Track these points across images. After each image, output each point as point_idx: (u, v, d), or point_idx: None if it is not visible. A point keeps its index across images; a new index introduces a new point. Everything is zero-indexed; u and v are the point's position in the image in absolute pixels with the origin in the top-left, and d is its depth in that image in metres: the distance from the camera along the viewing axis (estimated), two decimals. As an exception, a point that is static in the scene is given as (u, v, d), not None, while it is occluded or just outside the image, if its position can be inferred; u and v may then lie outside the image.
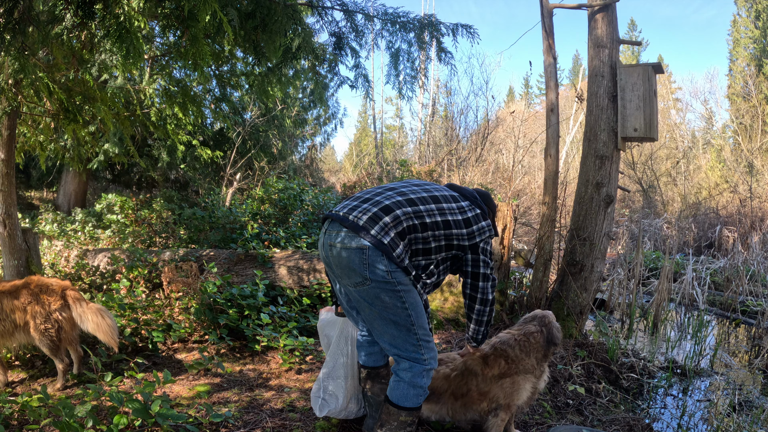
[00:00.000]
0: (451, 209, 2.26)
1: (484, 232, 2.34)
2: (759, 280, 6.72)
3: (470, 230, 2.27)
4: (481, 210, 2.36)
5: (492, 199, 2.56)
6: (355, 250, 2.05)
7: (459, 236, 2.25)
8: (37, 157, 7.37)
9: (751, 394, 3.64)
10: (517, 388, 2.34)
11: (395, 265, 2.05)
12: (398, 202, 2.15)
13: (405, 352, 2.19)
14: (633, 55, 25.86)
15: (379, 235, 2.03)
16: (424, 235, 2.16)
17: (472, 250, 2.34)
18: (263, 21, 3.18)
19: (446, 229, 2.21)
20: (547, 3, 4.36)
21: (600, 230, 4.15)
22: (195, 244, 6.53)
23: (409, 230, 2.12)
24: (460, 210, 2.28)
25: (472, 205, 2.33)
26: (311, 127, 14.69)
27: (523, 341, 2.42)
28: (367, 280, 2.06)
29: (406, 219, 2.11)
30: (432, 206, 2.21)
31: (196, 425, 2.41)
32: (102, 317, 3.11)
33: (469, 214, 2.29)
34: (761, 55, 18.30)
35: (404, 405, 2.20)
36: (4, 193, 4.01)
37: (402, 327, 2.14)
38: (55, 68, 3.55)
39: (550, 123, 4.35)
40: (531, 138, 14.04)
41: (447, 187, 2.42)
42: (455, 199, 2.31)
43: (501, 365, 2.39)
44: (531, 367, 2.39)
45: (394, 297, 2.08)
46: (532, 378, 2.39)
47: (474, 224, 2.28)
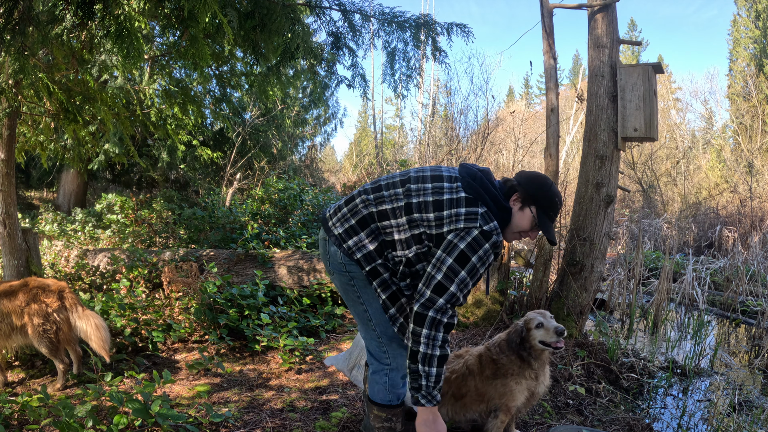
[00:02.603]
0: (420, 190, 1.92)
1: (460, 220, 1.85)
2: (759, 280, 6.72)
3: (439, 214, 1.88)
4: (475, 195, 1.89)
5: (539, 185, 1.98)
6: (321, 241, 2.12)
7: (422, 222, 1.90)
8: (37, 157, 7.38)
9: (751, 394, 3.64)
10: (509, 391, 2.31)
11: (347, 257, 1.99)
12: (363, 190, 2.03)
13: (372, 349, 2.16)
14: (633, 55, 25.85)
15: (334, 225, 2.03)
16: (384, 224, 1.95)
17: (437, 242, 1.89)
18: (262, 21, 3.18)
19: (408, 213, 1.92)
20: (547, 3, 4.36)
21: (600, 230, 4.15)
22: (195, 244, 6.54)
23: (370, 218, 1.97)
24: (435, 190, 1.91)
25: (458, 187, 1.91)
26: (311, 127, 14.69)
27: (502, 344, 2.41)
28: (330, 272, 2.11)
29: (365, 206, 1.98)
30: (398, 190, 1.96)
31: (196, 425, 2.41)
32: (97, 329, 3.11)
33: (446, 196, 1.89)
34: (761, 55, 18.30)
35: (375, 400, 2.19)
36: (4, 193, 4.01)
37: (362, 322, 2.13)
38: (55, 68, 3.55)
39: (550, 123, 4.35)
40: (531, 138, 14.03)
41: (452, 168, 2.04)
42: (436, 179, 1.95)
43: (491, 366, 2.38)
44: (516, 369, 2.33)
45: (350, 290, 2.06)
46: (525, 381, 2.33)
47: (447, 208, 1.87)
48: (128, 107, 4.63)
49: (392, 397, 2.17)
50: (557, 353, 3.73)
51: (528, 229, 2.00)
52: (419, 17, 4.14)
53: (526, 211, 1.98)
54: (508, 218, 1.99)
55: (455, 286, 1.83)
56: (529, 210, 1.98)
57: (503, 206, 1.96)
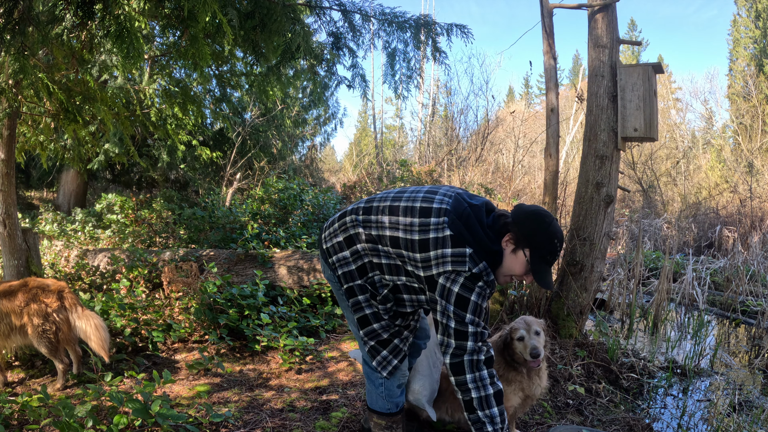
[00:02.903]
0: (408, 225, 1.86)
1: (447, 263, 1.78)
2: (759, 280, 6.72)
3: (425, 255, 1.82)
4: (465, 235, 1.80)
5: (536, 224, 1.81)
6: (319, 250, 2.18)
7: (410, 260, 1.87)
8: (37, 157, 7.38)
9: (751, 394, 3.64)
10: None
11: (330, 271, 2.06)
12: (355, 209, 2.02)
13: (363, 354, 2.16)
14: (633, 55, 25.85)
15: (325, 239, 2.08)
16: (371, 246, 1.93)
17: (428, 285, 1.86)
18: (262, 21, 3.18)
19: (395, 246, 1.88)
20: (547, 3, 4.36)
21: (600, 230, 4.15)
22: (195, 244, 6.54)
23: (357, 239, 1.96)
24: (422, 228, 1.84)
25: (444, 223, 1.81)
26: (311, 127, 14.69)
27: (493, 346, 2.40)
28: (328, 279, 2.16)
29: (353, 226, 1.98)
30: (384, 219, 1.91)
31: (196, 425, 2.41)
32: (96, 329, 3.10)
33: (431, 234, 1.81)
34: (761, 55, 18.30)
35: (375, 409, 2.21)
36: (4, 193, 4.01)
37: (355, 332, 2.14)
38: (55, 68, 3.55)
39: (550, 123, 4.35)
40: (531, 138, 14.04)
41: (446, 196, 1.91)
42: (424, 213, 1.86)
43: None
44: (504, 372, 2.32)
45: (342, 300, 2.10)
46: (515, 384, 2.32)
47: (433, 248, 1.80)
48: (128, 107, 4.63)
49: (390, 406, 2.18)
50: (556, 353, 3.73)
51: (521, 273, 1.85)
52: (419, 18, 4.14)
53: (519, 254, 1.83)
54: (499, 260, 1.86)
55: (471, 326, 1.81)
56: (523, 253, 1.83)
57: (491, 250, 1.83)
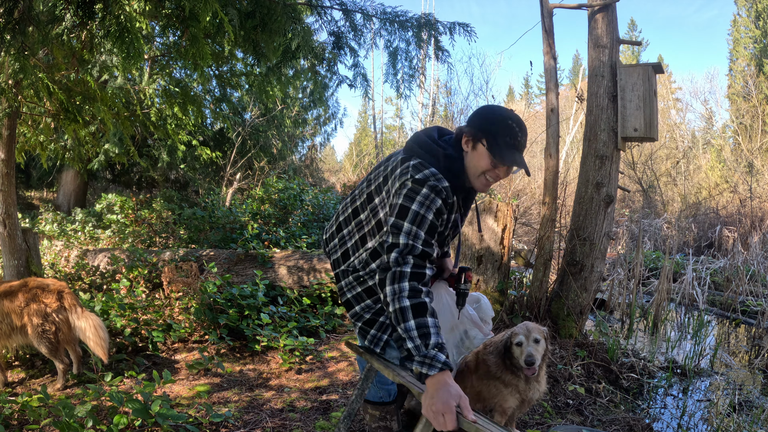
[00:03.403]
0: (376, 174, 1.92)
1: (395, 180, 1.74)
2: (759, 280, 6.72)
3: (386, 187, 1.81)
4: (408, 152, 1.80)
5: (486, 113, 1.80)
6: None
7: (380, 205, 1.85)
8: (37, 157, 7.38)
9: (751, 394, 3.64)
10: (498, 393, 2.30)
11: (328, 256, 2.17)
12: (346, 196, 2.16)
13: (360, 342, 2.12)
14: (633, 55, 25.86)
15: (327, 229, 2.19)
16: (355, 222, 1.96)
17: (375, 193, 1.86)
18: (263, 20, 3.18)
19: (369, 202, 1.89)
20: (547, 3, 4.36)
21: (600, 230, 4.15)
22: (195, 244, 6.54)
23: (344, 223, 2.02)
24: (384, 166, 1.88)
25: (398, 155, 1.86)
26: (311, 127, 14.69)
27: (493, 347, 2.39)
28: None
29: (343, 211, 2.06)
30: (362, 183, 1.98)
31: (196, 425, 2.41)
32: (96, 331, 3.10)
33: (390, 167, 1.83)
34: (761, 55, 18.30)
35: (368, 398, 2.16)
36: (4, 193, 4.01)
37: None
38: (55, 68, 3.55)
39: (551, 123, 4.35)
40: (531, 138, 14.02)
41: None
42: (389, 157, 1.93)
43: (484, 366, 2.37)
44: (500, 374, 2.31)
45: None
46: (513, 386, 2.31)
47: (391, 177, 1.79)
48: (128, 107, 4.63)
49: (383, 394, 2.14)
50: (555, 353, 3.73)
51: (490, 167, 1.75)
52: (421, 17, 4.14)
53: (479, 147, 1.75)
54: (460, 164, 1.80)
55: (404, 237, 1.66)
56: (482, 145, 1.75)
57: (444, 155, 1.77)
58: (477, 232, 4.36)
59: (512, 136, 1.73)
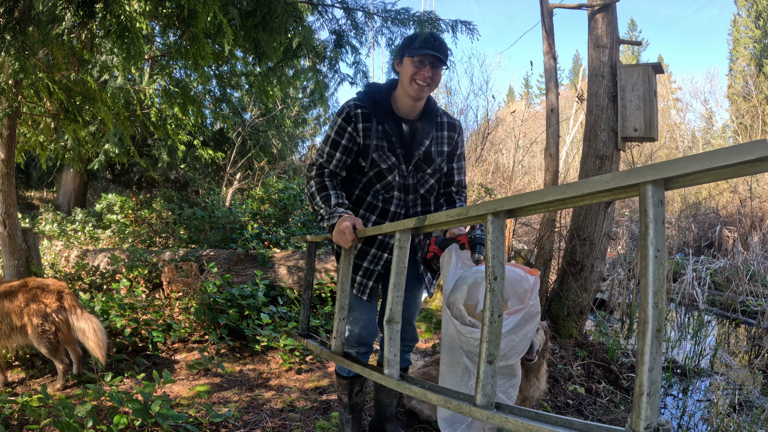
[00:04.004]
0: None
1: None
2: (759, 280, 6.72)
3: None
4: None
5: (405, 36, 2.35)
6: None
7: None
8: (37, 157, 7.38)
9: (751, 394, 3.64)
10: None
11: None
12: None
13: None
14: (633, 55, 25.85)
15: None
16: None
17: None
18: (264, 19, 3.17)
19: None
20: (547, 3, 4.35)
21: (600, 230, 4.15)
22: (195, 244, 6.53)
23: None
24: None
25: None
26: (311, 127, 14.67)
27: None
28: None
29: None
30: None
31: (196, 425, 2.41)
32: (95, 332, 3.10)
33: None
34: (761, 55, 18.31)
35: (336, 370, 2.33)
36: (4, 193, 4.01)
37: None
38: (55, 68, 3.54)
39: (551, 123, 4.35)
40: (531, 138, 14.04)
41: None
42: None
43: None
44: None
45: None
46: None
47: None
48: (128, 107, 4.63)
49: (339, 368, 2.29)
50: (556, 353, 3.73)
51: (414, 69, 2.00)
52: (423, 14, 4.14)
53: (404, 61, 2.04)
54: (387, 92, 2.12)
55: (318, 155, 2.12)
56: (405, 57, 2.03)
57: (371, 84, 2.16)
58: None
59: (426, 40, 2.01)
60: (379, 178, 2.10)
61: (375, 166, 2.08)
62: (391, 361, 1.54)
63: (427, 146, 2.13)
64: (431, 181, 2.18)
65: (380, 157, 2.07)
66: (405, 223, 1.57)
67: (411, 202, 2.16)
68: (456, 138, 2.21)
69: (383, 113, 2.06)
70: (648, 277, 0.92)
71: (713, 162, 0.80)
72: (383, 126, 2.05)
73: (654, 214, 0.91)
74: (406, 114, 2.12)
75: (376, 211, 2.13)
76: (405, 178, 2.12)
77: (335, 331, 1.93)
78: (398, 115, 2.12)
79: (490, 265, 1.21)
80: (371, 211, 2.12)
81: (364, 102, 2.07)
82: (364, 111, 2.05)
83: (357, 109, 2.05)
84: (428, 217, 1.48)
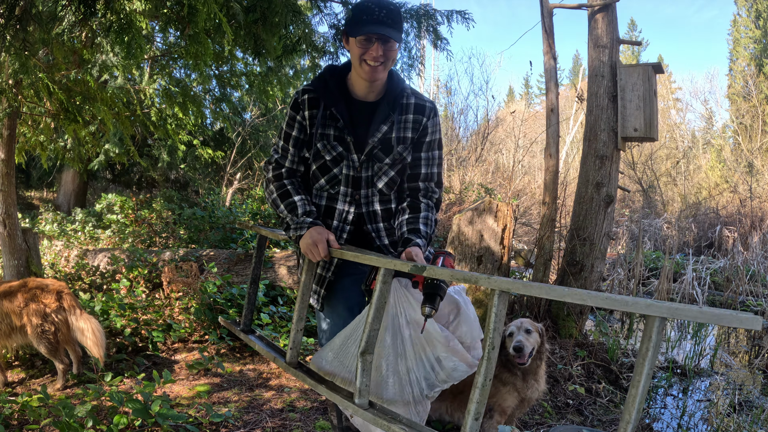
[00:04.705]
0: None
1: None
2: (759, 280, 6.72)
3: None
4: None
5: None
6: None
7: None
8: (37, 157, 7.38)
9: (751, 394, 3.64)
10: (496, 392, 2.30)
11: None
12: None
13: None
14: (633, 55, 25.86)
15: None
16: None
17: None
18: (263, 15, 3.17)
19: None
20: (547, 3, 4.36)
21: (600, 230, 4.15)
22: (195, 244, 6.53)
23: None
24: None
25: None
26: (311, 127, 14.67)
27: None
28: None
29: None
30: None
31: (196, 425, 2.41)
32: (94, 333, 3.10)
33: None
34: (761, 55, 18.31)
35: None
36: (4, 193, 4.01)
37: None
38: (55, 68, 3.55)
39: (551, 123, 4.35)
40: (531, 138, 14.04)
41: None
42: None
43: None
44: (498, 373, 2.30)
45: None
46: (511, 384, 2.30)
47: None
48: (128, 107, 4.63)
49: None
50: (555, 353, 3.73)
51: (362, 50, 1.72)
52: (419, 8, 4.16)
53: (350, 41, 1.77)
54: (339, 76, 1.87)
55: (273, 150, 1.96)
56: (350, 37, 1.77)
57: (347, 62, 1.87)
58: (477, 231, 4.36)
59: (369, 13, 1.71)
60: (323, 171, 1.87)
61: (319, 158, 1.84)
62: (362, 391, 1.56)
63: (385, 132, 1.82)
64: (391, 173, 1.87)
65: (324, 147, 1.83)
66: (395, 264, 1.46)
67: (364, 198, 1.89)
68: (424, 122, 1.85)
69: (333, 96, 1.80)
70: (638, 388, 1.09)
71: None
72: (330, 110, 1.80)
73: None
74: (364, 96, 1.84)
75: (320, 211, 1.90)
76: (356, 170, 1.85)
77: (291, 341, 1.91)
78: (355, 98, 1.84)
79: (490, 337, 1.29)
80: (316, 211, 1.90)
81: (315, 85, 1.83)
82: (311, 96, 1.81)
83: (305, 94, 1.82)
84: (428, 268, 1.39)
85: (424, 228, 1.81)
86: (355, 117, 1.83)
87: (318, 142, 1.82)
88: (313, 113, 1.81)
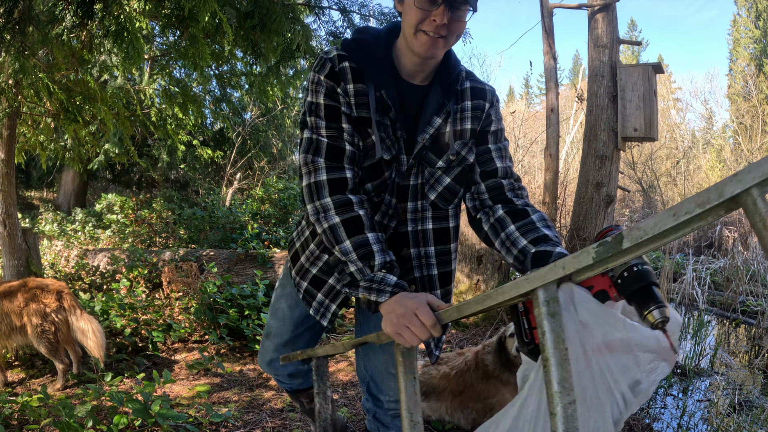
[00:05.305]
0: None
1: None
2: (759, 280, 6.72)
3: None
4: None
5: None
6: None
7: None
8: (37, 157, 7.39)
9: (751, 394, 3.64)
10: (497, 392, 2.31)
11: None
12: None
13: None
14: (633, 55, 25.87)
15: None
16: None
17: None
18: (262, 20, 3.18)
19: None
20: (547, 3, 4.36)
21: (600, 230, 4.15)
22: (195, 244, 6.54)
23: None
24: None
25: None
26: (311, 127, 14.67)
27: (491, 346, 2.39)
28: None
29: None
30: None
31: (196, 425, 2.41)
32: (93, 334, 3.10)
33: None
34: (761, 55, 18.33)
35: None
36: (4, 193, 4.01)
37: None
38: (55, 68, 3.55)
39: (551, 123, 4.35)
40: (531, 138, 14.05)
41: None
42: None
43: (482, 366, 2.38)
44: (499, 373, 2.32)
45: None
46: (511, 384, 2.31)
47: None
48: (128, 107, 4.64)
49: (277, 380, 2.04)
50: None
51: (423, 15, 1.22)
52: None
53: (405, 1, 1.27)
54: (386, 47, 1.35)
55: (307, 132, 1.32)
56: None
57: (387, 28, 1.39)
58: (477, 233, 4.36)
59: None
60: (373, 173, 1.34)
61: (370, 155, 1.32)
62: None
63: (439, 126, 1.36)
64: (446, 180, 1.39)
65: (383, 140, 1.31)
66: (558, 266, 0.85)
67: (411, 213, 1.40)
68: (486, 108, 1.41)
69: (383, 74, 1.31)
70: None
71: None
72: (381, 93, 1.30)
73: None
74: (411, 76, 1.35)
75: None
76: (403, 176, 1.37)
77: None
78: (401, 77, 1.35)
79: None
80: None
81: (353, 52, 1.31)
82: (353, 65, 1.29)
83: (343, 61, 1.29)
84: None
85: (551, 232, 1.31)
86: (405, 104, 1.35)
87: (376, 132, 1.30)
88: (360, 89, 1.29)
